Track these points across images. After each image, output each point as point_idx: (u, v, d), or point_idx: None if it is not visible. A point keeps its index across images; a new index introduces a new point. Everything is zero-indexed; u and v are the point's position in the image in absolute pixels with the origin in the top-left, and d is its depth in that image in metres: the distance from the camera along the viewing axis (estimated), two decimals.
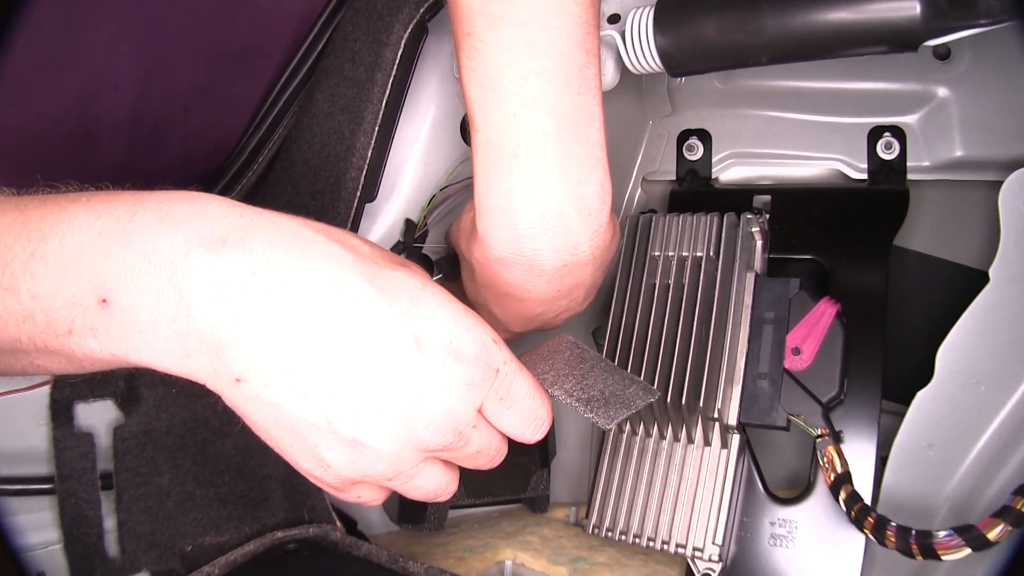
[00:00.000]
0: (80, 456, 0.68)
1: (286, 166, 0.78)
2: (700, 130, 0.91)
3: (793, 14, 0.61)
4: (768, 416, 0.71)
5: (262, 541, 0.70)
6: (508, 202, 0.59)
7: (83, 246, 0.43)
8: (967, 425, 0.70)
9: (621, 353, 0.77)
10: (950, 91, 0.80)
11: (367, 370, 0.46)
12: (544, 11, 0.55)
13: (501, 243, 0.61)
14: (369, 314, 0.46)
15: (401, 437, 0.47)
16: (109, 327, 0.43)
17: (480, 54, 0.56)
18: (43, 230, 0.43)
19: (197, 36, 0.71)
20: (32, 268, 0.42)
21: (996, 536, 0.58)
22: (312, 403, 0.45)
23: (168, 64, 0.70)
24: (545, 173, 0.58)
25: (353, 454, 0.47)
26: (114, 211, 0.44)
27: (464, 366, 0.48)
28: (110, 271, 0.42)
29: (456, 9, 0.58)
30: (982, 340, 0.70)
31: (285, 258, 0.45)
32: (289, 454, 0.49)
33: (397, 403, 0.47)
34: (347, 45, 0.75)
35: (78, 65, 0.64)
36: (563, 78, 0.57)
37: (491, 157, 0.59)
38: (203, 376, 0.45)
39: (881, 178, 0.82)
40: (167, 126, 0.74)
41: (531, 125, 0.57)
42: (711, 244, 0.77)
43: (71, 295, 0.43)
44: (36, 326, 0.43)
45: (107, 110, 0.68)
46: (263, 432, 0.48)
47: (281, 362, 0.45)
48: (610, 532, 0.76)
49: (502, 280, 0.65)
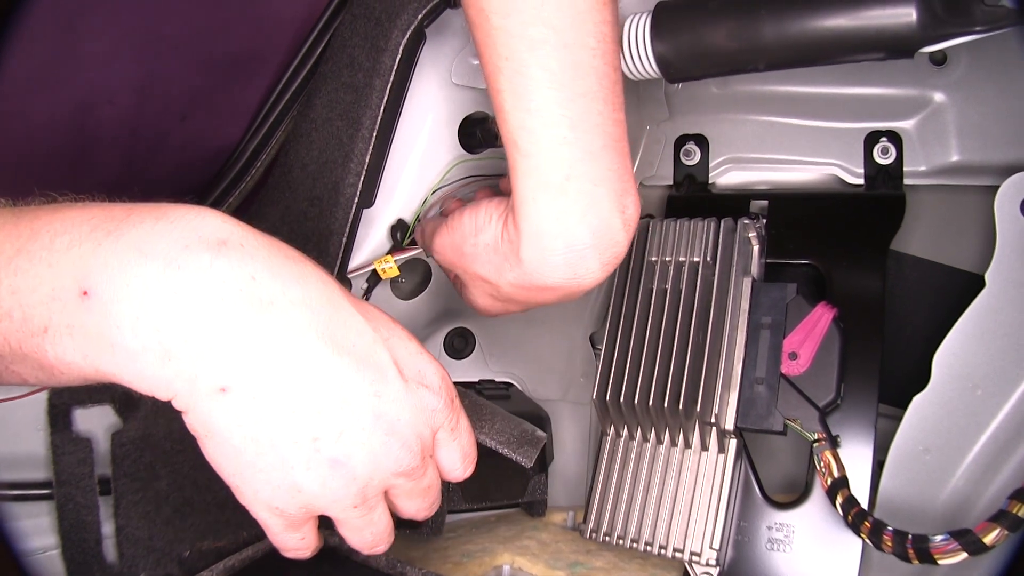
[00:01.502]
0: (78, 461, 0.68)
1: (284, 171, 0.78)
2: (697, 135, 0.91)
3: (790, 21, 0.61)
4: (765, 421, 0.72)
5: (260, 547, 0.70)
6: (561, 226, 0.58)
7: (73, 241, 0.41)
8: (964, 429, 0.71)
9: (618, 358, 0.77)
10: (946, 96, 0.80)
11: (355, 389, 0.46)
12: (583, 32, 0.55)
13: (555, 269, 0.60)
14: (358, 336, 0.47)
15: (378, 457, 0.48)
16: (86, 323, 0.41)
17: (523, 79, 0.56)
18: (35, 228, 0.42)
19: (193, 44, 0.71)
20: (16, 263, 0.41)
21: (992, 540, 0.59)
22: (299, 419, 0.45)
23: (165, 73, 0.70)
24: (596, 192, 0.58)
25: (329, 475, 0.47)
26: (109, 211, 0.43)
27: (431, 394, 0.50)
28: (96, 262, 0.41)
29: (487, 35, 0.57)
30: (979, 344, 0.70)
31: (283, 271, 0.45)
32: (251, 483, 0.47)
33: (380, 422, 0.47)
34: (345, 51, 0.76)
35: (74, 77, 0.64)
36: (603, 97, 0.57)
37: (542, 182, 0.58)
38: (179, 384, 0.43)
39: (878, 183, 0.82)
40: (164, 136, 0.74)
41: (581, 146, 0.57)
42: (708, 249, 0.77)
43: (52, 289, 0.41)
44: (12, 324, 0.42)
45: (103, 122, 0.68)
46: (230, 456, 0.46)
47: (273, 373, 0.44)
48: (608, 536, 0.76)
49: (537, 300, 0.65)
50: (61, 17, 0.60)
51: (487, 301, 0.70)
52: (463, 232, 0.67)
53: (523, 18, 0.54)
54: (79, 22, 0.62)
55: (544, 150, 0.57)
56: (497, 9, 0.55)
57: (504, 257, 0.63)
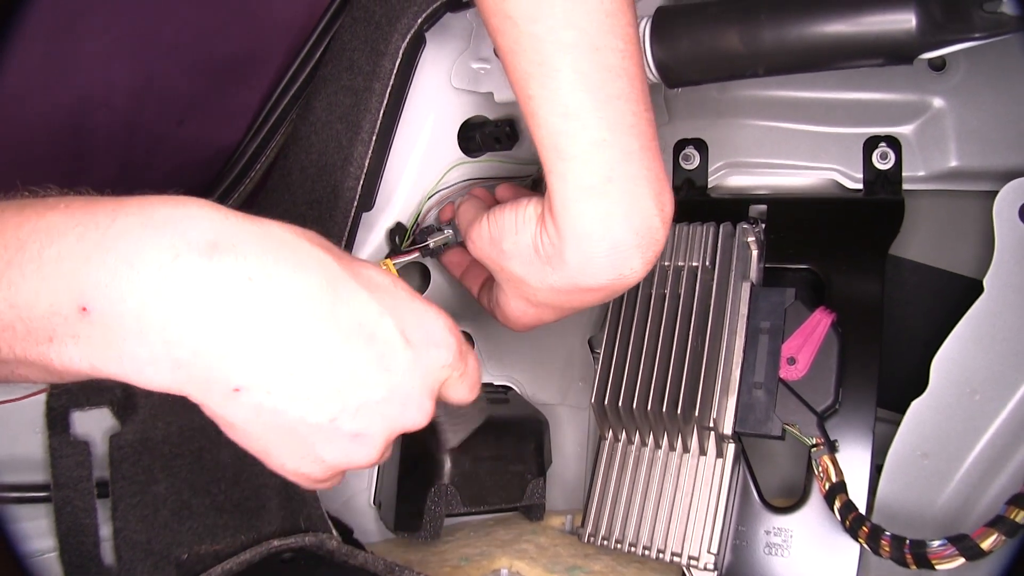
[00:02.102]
0: (76, 464, 0.68)
1: (284, 174, 0.78)
2: (696, 139, 0.91)
3: (790, 27, 0.61)
4: (763, 426, 0.72)
5: (258, 550, 0.70)
6: (605, 227, 0.58)
7: (61, 253, 0.41)
8: (962, 434, 0.71)
9: (617, 362, 0.77)
10: (945, 102, 0.80)
11: (366, 368, 0.47)
12: (612, 34, 0.55)
13: (600, 270, 0.60)
14: (362, 314, 0.47)
15: (394, 422, 0.49)
16: (91, 335, 0.42)
17: (557, 83, 0.56)
18: (20, 238, 0.41)
19: (191, 47, 0.71)
20: (9, 277, 0.41)
21: (990, 546, 0.59)
22: (315, 404, 0.46)
23: (162, 76, 0.70)
24: (636, 192, 0.58)
25: (351, 446, 0.49)
26: (93, 217, 0.42)
27: (440, 351, 0.51)
28: (89, 279, 0.41)
29: (515, 42, 0.57)
30: (977, 349, 0.70)
31: (278, 265, 0.45)
32: (277, 456, 0.49)
33: (394, 394, 0.48)
34: (345, 54, 0.76)
35: (69, 81, 0.64)
36: (635, 98, 0.57)
37: (583, 185, 0.58)
38: (192, 387, 0.44)
39: (877, 188, 0.82)
40: (162, 140, 0.74)
41: (619, 147, 0.57)
42: (707, 254, 0.77)
43: (50, 304, 0.41)
44: (16, 335, 0.42)
45: (100, 125, 0.68)
46: (253, 438, 0.48)
47: (283, 368, 0.45)
48: (606, 540, 0.76)
49: (577, 303, 0.65)
50: (58, 19, 0.60)
51: (520, 308, 0.69)
52: (503, 228, 0.66)
53: (553, 23, 0.54)
54: (76, 24, 0.62)
55: (584, 153, 0.57)
56: (526, 15, 0.55)
57: (546, 260, 0.63)
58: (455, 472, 0.82)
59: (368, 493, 0.90)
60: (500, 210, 0.66)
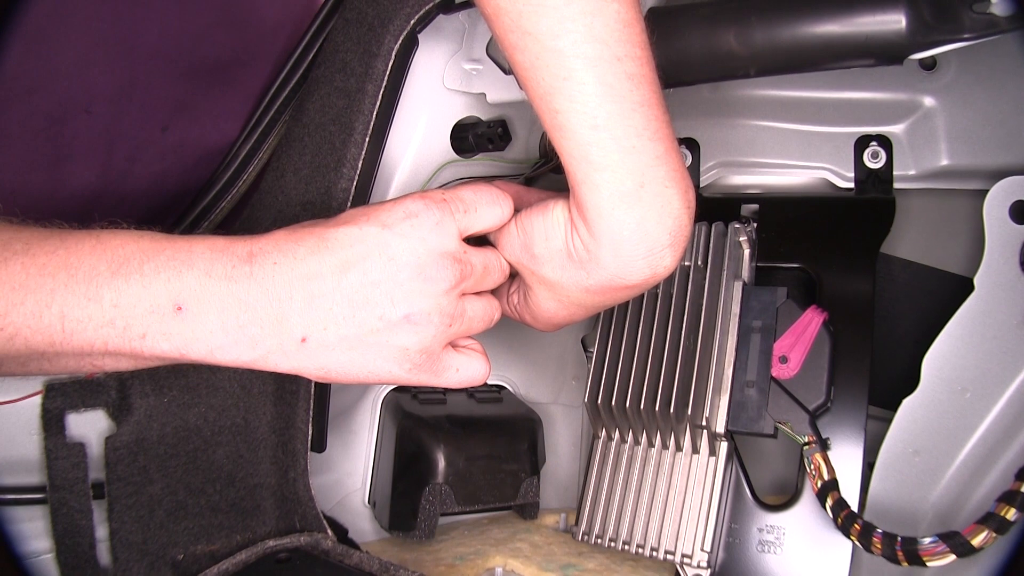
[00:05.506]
0: (72, 466, 0.68)
1: (277, 176, 0.78)
2: (688, 139, 0.92)
3: (781, 28, 0.62)
4: (756, 424, 0.72)
5: (253, 550, 0.70)
6: (641, 231, 0.60)
7: (159, 267, 0.53)
8: (953, 432, 0.71)
9: (610, 362, 0.77)
10: (936, 101, 0.81)
11: (383, 269, 0.58)
12: (631, 43, 0.56)
13: (637, 271, 0.62)
14: (372, 239, 0.58)
15: (429, 290, 0.59)
16: (182, 331, 0.54)
17: (585, 96, 0.56)
18: (123, 256, 0.53)
19: (172, 51, 0.71)
20: (115, 283, 0.52)
21: (980, 543, 0.59)
22: (361, 316, 0.58)
23: (144, 82, 0.70)
24: (667, 194, 0.59)
25: (412, 327, 0.59)
26: (174, 243, 0.55)
27: (424, 215, 0.60)
28: (182, 285, 0.54)
29: (537, 58, 0.57)
30: (967, 347, 0.71)
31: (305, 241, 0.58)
32: (373, 370, 0.60)
33: (408, 271, 0.58)
34: (338, 56, 0.76)
35: (47, 87, 0.64)
36: (656, 103, 0.59)
37: (617, 192, 0.59)
38: (272, 356, 0.57)
39: (868, 187, 0.82)
40: (144, 147, 0.74)
41: (649, 153, 0.58)
42: (699, 253, 0.77)
43: (150, 305, 0.53)
44: (114, 330, 0.52)
45: (79, 133, 0.68)
46: (340, 372, 0.59)
47: (330, 306, 0.57)
48: (599, 539, 0.77)
49: (611, 300, 0.66)
50: (36, 22, 0.60)
51: (553, 309, 0.69)
52: (533, 235, 0.66)
53: (576, 37, 0.55)
54: (50, 31, 0.62)
55: (616, 162, 0.58)
56: (548, 31, 0.55)
57: (580, 264, 0.63)
58: (449, 471, 0.82)
59: (363, 493, 0.91)
60: (528, 215, 0.67)
